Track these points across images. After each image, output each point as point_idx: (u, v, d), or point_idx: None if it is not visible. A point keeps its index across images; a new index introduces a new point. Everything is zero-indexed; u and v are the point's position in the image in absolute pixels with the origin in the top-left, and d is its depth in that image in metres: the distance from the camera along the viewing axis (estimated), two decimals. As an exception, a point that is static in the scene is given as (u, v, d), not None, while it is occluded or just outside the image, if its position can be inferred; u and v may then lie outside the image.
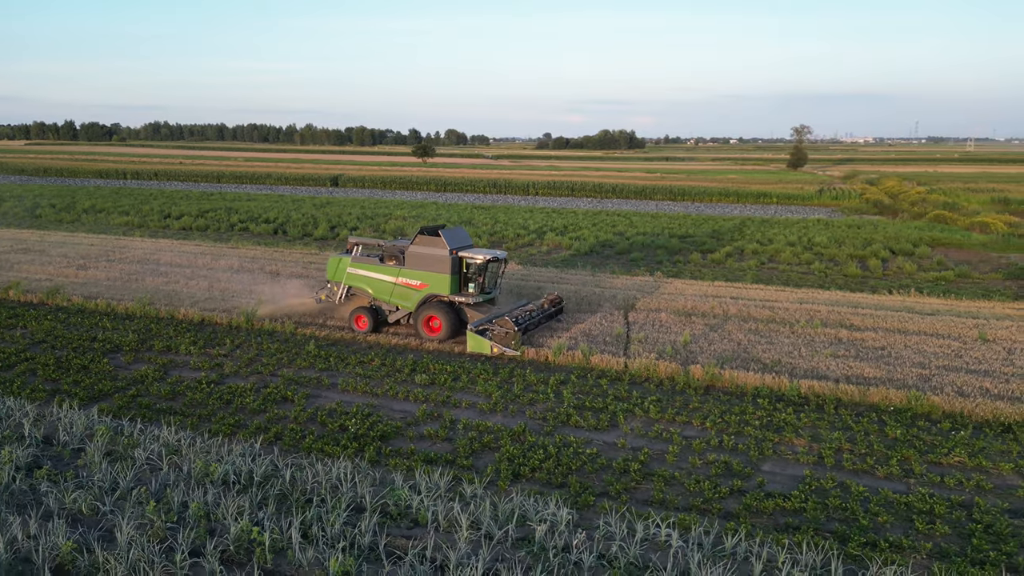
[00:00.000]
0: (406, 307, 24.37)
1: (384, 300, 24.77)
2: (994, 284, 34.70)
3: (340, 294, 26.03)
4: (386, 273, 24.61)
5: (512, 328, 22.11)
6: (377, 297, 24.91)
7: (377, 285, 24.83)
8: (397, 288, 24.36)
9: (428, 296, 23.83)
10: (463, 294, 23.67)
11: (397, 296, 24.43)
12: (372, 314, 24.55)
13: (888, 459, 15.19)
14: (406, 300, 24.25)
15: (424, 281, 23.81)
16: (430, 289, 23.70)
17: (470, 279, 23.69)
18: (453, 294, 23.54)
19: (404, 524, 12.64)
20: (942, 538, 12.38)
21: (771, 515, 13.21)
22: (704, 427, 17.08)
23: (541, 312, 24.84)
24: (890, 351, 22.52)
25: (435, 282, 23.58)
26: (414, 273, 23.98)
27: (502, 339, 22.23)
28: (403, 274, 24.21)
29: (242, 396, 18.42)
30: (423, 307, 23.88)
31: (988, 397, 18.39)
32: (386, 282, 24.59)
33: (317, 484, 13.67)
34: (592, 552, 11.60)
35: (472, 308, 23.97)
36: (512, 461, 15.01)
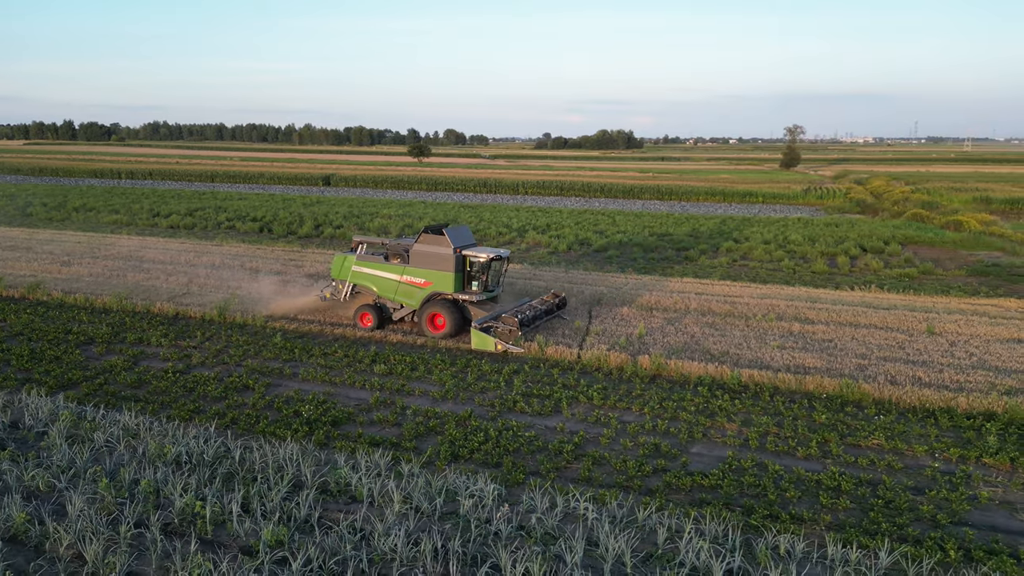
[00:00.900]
0: (410, 305, 24.67)
1: (388, 298, 25.08)
2: (956, 280, 35.52)
3: (345, 292, 26.28)
4: (390, 271, 24.90)
5: (515, 325, 22.41)
6: (381, 295, 25.21)
7: (381, 283, 25.13)
8: (401, 286, 24.66)
9: (432, 294, 24.14)
10: (467, 292, 23.94)
11: (401, 294, 24.74)
12: (377, 312, 24.90)
13: (809, 442, 16.02)
14: (410, 298, 24.57)
15: (428, 279, 24.12)
16: (434, 287, 24.02)
17: (473, 277, 24.01)
18: (457, 292, 23.83)
19: (342, 500, 13.47)
20: (843, 511, 13.21)
21: (688, 491, 14.04)
22: (642, 413, 17.90)
23: (543, 309, 25.14)
24: (836, 343, 23.34)
25: (439, 280, 23.90)
26: (418, 271, 24.27)
27: (506, 336, 22.52)
28: (407, 272, 24.50)
29: (204, 385, 19.25)
30: (427, 305, 24.19)
31: (918, 385, 19.21)
32: (390, 280, 24.89)
33: (264, 464, 14.50)
34: (512, 523, 12.45)
35: (475, 306, 24.13)
36: (453, 444, 15.83)
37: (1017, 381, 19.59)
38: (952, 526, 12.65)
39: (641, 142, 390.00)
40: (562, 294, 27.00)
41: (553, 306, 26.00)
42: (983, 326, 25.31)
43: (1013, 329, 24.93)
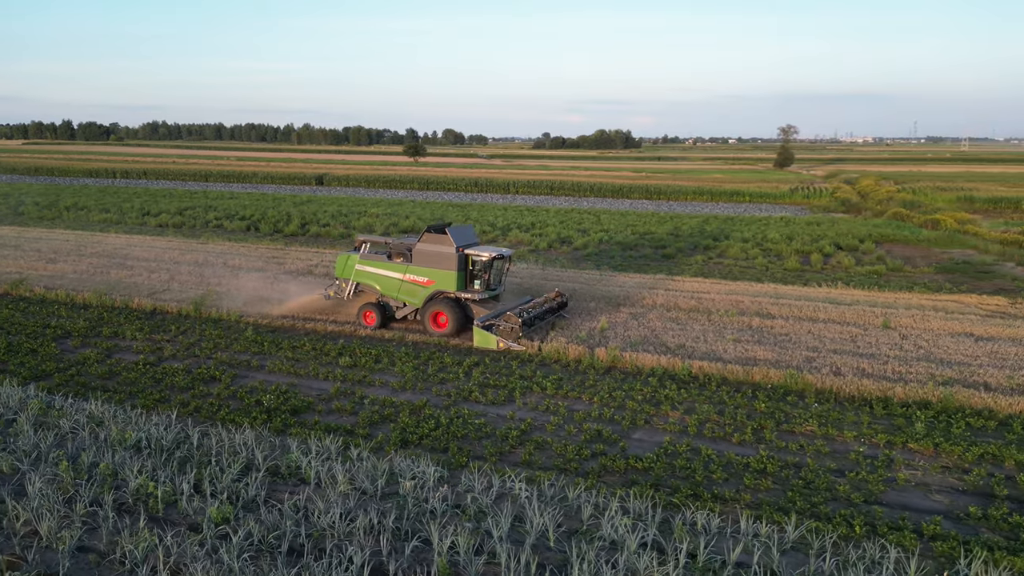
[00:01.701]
0: (413, 303, 24.97)
1: (392, 296, 25.37)
2: (924, 277, 36.21)
3: (348, 291, 26.59)
4: (393, 270, 25.15)
5: (517, 324, 22.76)
6: (385, 293, 25.50)
7: (385, 282, 25.39)
8: (404, 285, 24.94)
9: (435, 292, 24.43)
10: (469, 290, 24.22)
11: (404, 292, 25.03)
12: (380, 310, 25.24)
13: (745, 428, 16.72)
14: (413, 296, 24.87)
15: (431, 278, 24.39)
16: (437, 286, 24.30)
17: (476, 276, 24.29)
18: (459, 290, 24.09)
19: (292, 482, 14.17)
20: (765, 491, 13.92)
21: (623, 473, 14.75)
22: (592, 402, 18.61)
23: (546, 308, 25.47)
24: (792, 337, 24.05)
25: (441, 279, 24.18)
26: (421, 270, 24.55)
27: (508, 334, 22.82)
28: (410, 271, 24.78)
29: (173, 376, 19.95)
30: (430, 303, 24.49)
31: (860, 376, 19.92)
32: (393, 279, 25.15)
33: (220, 448, 15.20)
34: (448, 502, 13.16)
35: (478, 304, 24.41)
36: (404, 431, 16.53)
37: (956, 372, 20.29)
38: (865, 505, 13.36)
39: (639, 142, 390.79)
40: (564, 293, 27.20)
41: (555, 305, 26.25)
42: (937, 321, 26.01)
43: (966, 323, 25.63)
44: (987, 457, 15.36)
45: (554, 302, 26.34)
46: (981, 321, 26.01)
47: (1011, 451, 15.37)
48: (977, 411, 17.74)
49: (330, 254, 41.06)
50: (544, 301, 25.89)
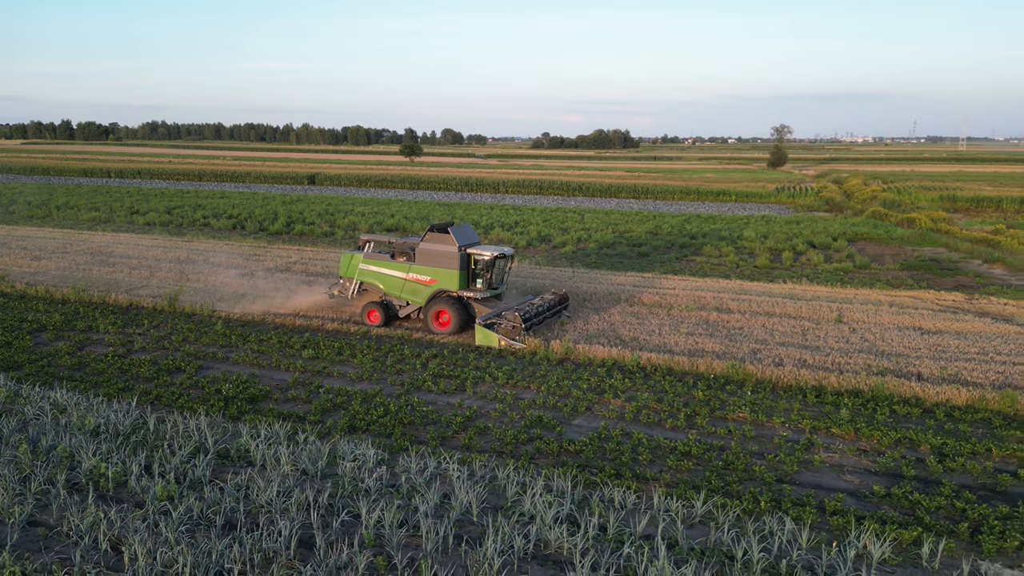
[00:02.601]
0: (416, 302, 25.30)
1: (395, 295, 25.72)
2: (889, 274, 36.97)
3: (352, 289, 26.91)
4: (397, 269, 25.48)
5: (519, 322, 23.02)
6: (388, 292, 25.83)
7: (388, 281, 25.73)
8: (408, 284, 25.27)
9: (437, 291, 24.75)
10: (471, 289, 24.53)
11: (407, 291, 25.36)
12: (383, 309, 25.56)
13: (678, 414, 17.49)
14: (416, 295, 25.20)
15: (433, 277, 24.72)
16: (439, 285, 24.64)
17: (478, 275, 24.60)
18: (461, 289, 24.39)
19: (240, 464, 14.94)
20: (686, 472, 14.69)
21: (555, 456, 15.52)
22: (539, 390, 19.38)
23: (547, 307, 25.71)
24: (745, 330, 24.82)
25: (444, 278, 24.51)
26: (424, 269, 24.88)
27: (509, 332, 23.12)
28: (413, 270, 25.10)
29: (139, 367, 20.73)
30: (432, 302, 24.80)
31: (799, 366, 20.69)
32: (397, 278, 25.48)
33: (175, 433, 16.00)
34: (384, 481, 13.95)
35: (480, 303, 24.70)
36: (354, 417, 17.31)
37: (893, 363, 21.06)
38: (777, 484, 14.14)
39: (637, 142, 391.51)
40: (563, 291, 27.43)
41: (556, 303, 26.54)
42: (889, 315, 26.77)
43: (916, 318, 26.39)
44: (904, 442, 16.14)
45: (555, 301, 26.52)
46: (932, 316, 26.77)
47: (927, 436, 16.13)
48: (905, 399, 18.51)
49: (311, 251, 41.87)
50: (545, 300, 26.04)
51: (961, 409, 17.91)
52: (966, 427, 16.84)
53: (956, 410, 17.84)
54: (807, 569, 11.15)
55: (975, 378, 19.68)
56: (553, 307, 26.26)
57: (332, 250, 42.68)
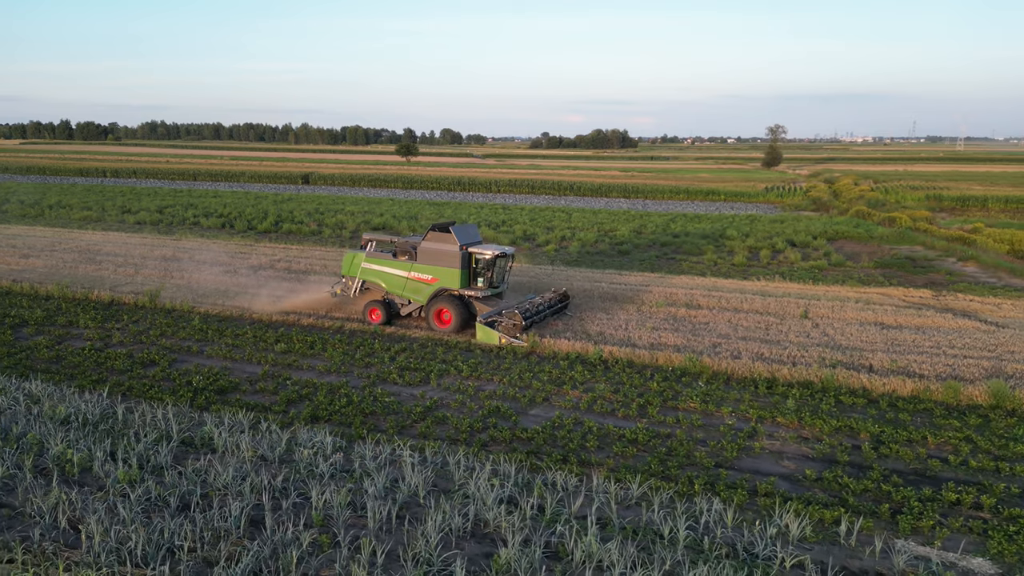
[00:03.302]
0: (418, 300, 25.54)
1: (397, 294, 25.95)
2: (863, 272, 37.60)
3: (355, 288, 27.13)
4: (399, 268, 25.70)
5: (520, 320, 23.28)
6: (390, 291, 26.08)
7: (390, 279, 25.95)
8: (409, 282, 25.50)
9: (439, 290, 24.96)
10: (472, 288, 24.77)
11: (409, 290, 25.60)
12: (385, 307, 25.84)
13: (631, 404, 18.09)
14: (418, 294, 25.43)
15: (435, 276, 24.93)
16: (441, 283, 24.84)
17: (479, 274, 24.83)
18: (463, 288, 24.61)
19: (203, 451, 15.53)
20: (629, 457, 15.30)
21: (507, 443, 16.12)
22: (501, 382, 19.98)
23: (547, 305, 25.91)
24: (710, 325, 25.42)
25: (446, 276, 24.73)
26: (425, 268, 25.10)
27: (510, 330, 23.39)
28: (415, 269, 25.32)
29: (115, 360, 21.33)
30: (434, 300, 25.04)
31: (756, 359, 21.29)
32: (399, 276, 25.71)
33: (143, 422, 16.60)
34: (338, 466, 14.55)
35: (481, 301, 24.95)
36: (317, 407, 17.91)
37: (847, 356, 21.67)
38: (715, 468, 14.75)
39: (636, 142, 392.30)
40: (563, 289, 27.75)
41: (557, 302, 26.77)
42: (855, 311, 27.38)
43: (880, 313, 27.00)
44: (844, 430, 16.74)
45: (556, 299, 26.72)
46: (895, 311, 27.38)
47: (867, 424, 16.74)
48: (852, 390, 19.12)
49: (296, 250, 42.49)
50: (546, 298, 26.26)
51: (905, 399, 18.53)
52: (907, 416, 17.45)
53: (900, 400, 18.46)
54: (728, 545, 11.75)
55: (923, 370, 20.29)
56: (554, 305, 26.47)
57: (317, 248, 43.31)
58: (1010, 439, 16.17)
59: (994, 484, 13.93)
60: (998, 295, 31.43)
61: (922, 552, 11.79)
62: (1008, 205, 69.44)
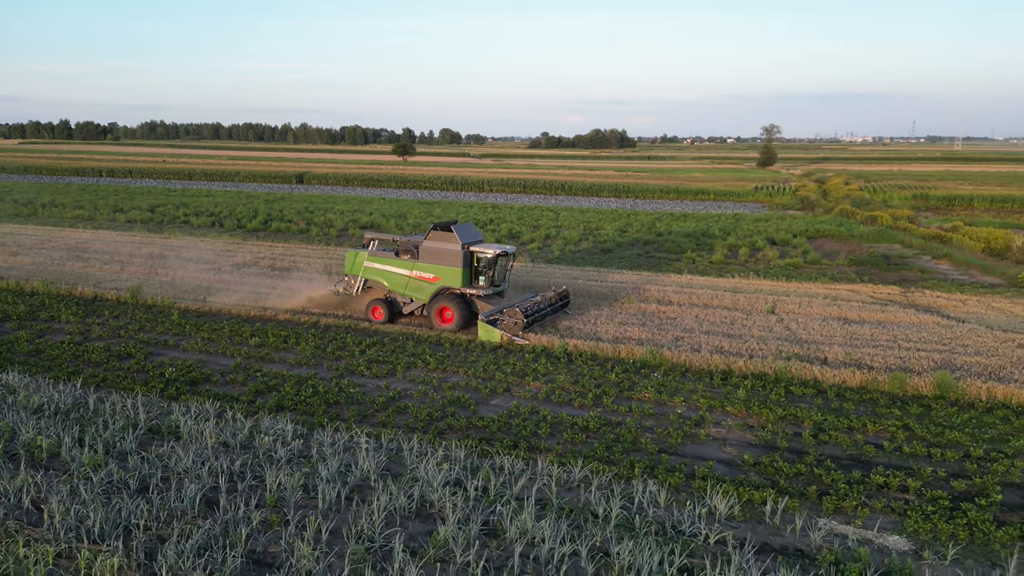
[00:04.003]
0: (420, 299, 25.79)
1: (399, 292, 26.20)
2: (836, 269, 38.21)
3: (357, 287, 27.35)
4: (401, 267, 25.94)
5: (521, 318, 23.49)
6: (392, 290, 26.33)
7: (392, 278, 26.19)
8: (411, 281, 25.75)
9: (441, 288, 25.24)
10: (474, 287, 25.07)
11: (411, 289, 25.86)
12: (388, 306, 26.14)
13: (587, 395, 18.69)
14: (420, 292, 25.69)
15: (437, 274, 25.22)
16: (443, 282, 25.13)
17: (480, 272, 25.14)
18: (464, 287, 24.90)
19: (169, 438, 16.13)
20: (578, 444, 15.90)
21: (463, 431, 16.72)
22: (466, 374, 20.58)
23: (548, 304, 26.11)
24: (677, 321, 26.02)
25: (447, 275, 25.03)
26: (427, 267, 25.36)
27: (511, 328, 23.58)
28: (417, 267, 25.58)
29: (92, 353, 21.94)
30: (436, 299, 25.29)
31: (715, 352, 21.89)
32: (401, 275, 25.96)
33: (113, 411, 17.20)
34: (296, 452, 15.16)
35: (482, 300, 25.24)
36: (283, 397, 18.51)
37: (804, 349, 22.28)
38: (659, 454, 15.35)
39: (634, 142, 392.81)
40: (564, 288, 27.82)
41: (557, 301, 26.93)
42: (821, 307, 27.98)
43: (845, 309, 27.60)
44: (789, 418, 17.35)
45: (556, 298, 26.90)
46: (860, 307, 27.98)
47: (812, 413, 17.35)
48: (804, 381, 19.73)
49: (282, 248, 43.08)
50: (547, 297, 26.40)
51: (853, 390, 19.13)
52: (851, 406, 18.06)
53: (848, 391, 19.06)
54: (658, 523, 12.36)
55: (875, 363, 20.88)
56: (554, 304, 26.69)
57: (303, 246, 43.92)
58: (946, 427, 16.77)
59: (922, 468, 14.53)
60: (965, 291, 32.03)
61: (841, 530, 12.41)
62: (993, 204, 70.03)
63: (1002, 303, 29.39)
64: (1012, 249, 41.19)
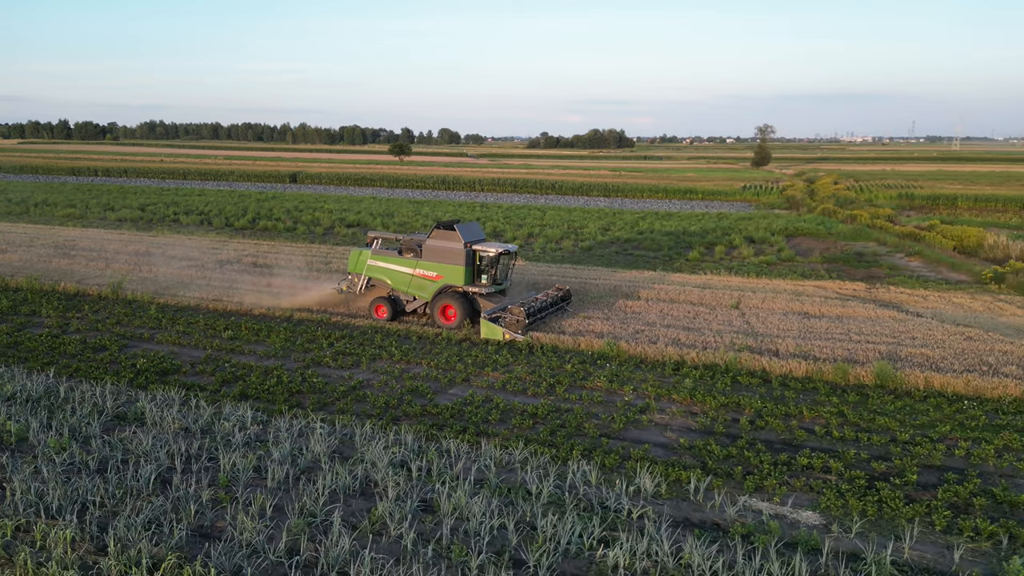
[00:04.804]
0: (423, 297, 26.08)
1: (402, 290, 26.47)
2: (809, 267, 38.91)
3: (361, 285, 27.55)
4: (404, 265, 26.19)
5: (523, 316, 23.75)
6: (396, 288, 26.58)
7: (396, 276, 26.44)
8: (415, 279, 26.01)
9: (444, 287, 25.52)
10: (476, 285, 25.36)
11: (415, 287, 26.12)
12: (391, 304, 26.39)
13: (541, 384, 19.40)
14: (423, 290, 25.97)
15: (440, 273, 25.49)
16: (445, 280, 25.42)
17: (483, 271, 25.38)
18: (467, 285, 25.19)
19: (134, 424, 16.86)
20: (525, 429, 16.61)
21: (418, 417, 17.43)
22: (429, 365, 21.29)
23: (549, 302, 26.43)
24: (640, 314, 26.73)
25: (450, 273, 25.32)
26: (430, 265, 25.63)
27: (513, 325, 23.80)
28: (420, 266, 25.83)
29: (68, 345, 22.65)
30: (439, 297, 25.59)
31: (671, 344, 22.60)
32: (404, 273, 26.21)
33: (82, 398, 17.92)
34: (252, 436, 15.88)
35: (484, 298, 25.54)
36: (248, 386, 19.21)
37: (758, 342, 22.99)
38: (599, 437, 16.06)
39: (632, 142, 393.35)
40: (566, 287, 28.28)
41: (559, 299, 27.24)
42: (784, 302, 28.69)
43: (806, 304, 28.31)
44: (731, 406, 18.07)
45: (557, 296, 27.23)
46: (823, 302, 28.68)
47: (753, 401, 18.07)
48: (752, 372, 20.46)
49: (267, 245, 43.78)
50: (549, 296, 26.81)
51: (798, 380, 19.85)
52: (793, 394, 18.79)
53: (793, 380, 19.78)
54: (587, 499, 13.09)
55: (823, 354, 21.60)
56: (556, 302, 27.01)
57: (287, 244, 44.63)
58: (879, 414, 17.49)
59: (847, 451, 15.25)
60: (929, 287, 32.74)
61: (759, 506, 13.14)
62: (977, 203, 70.69)
63: (963, 299, 30.09)
64: (984, 247, 41.88)
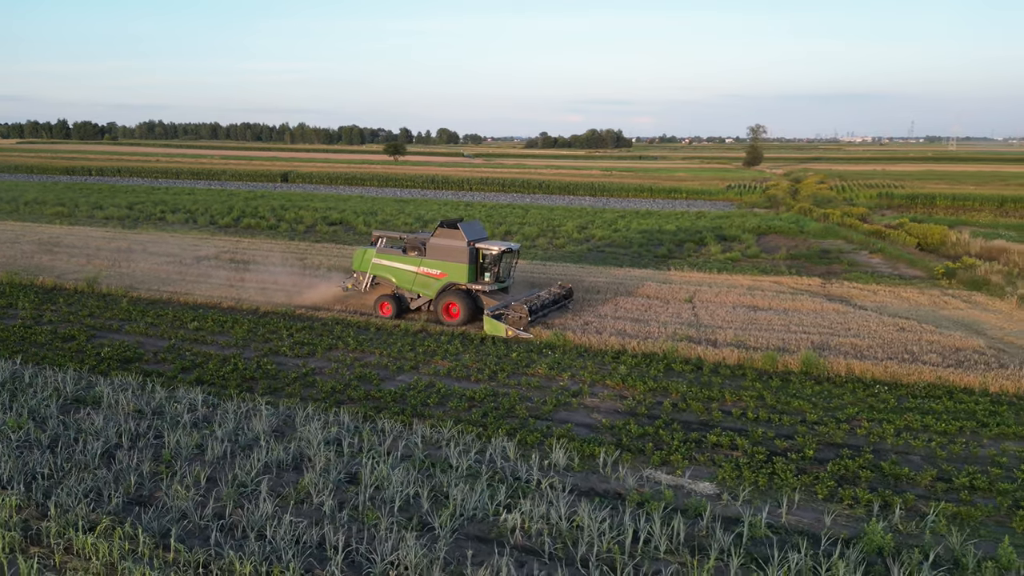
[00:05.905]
0: (427, 295, 26.41)
1: (406, 288, 26.80)
2: (771, 263, 39.91)
3: (365, 283, 28.08)
4: (408, 263, 26.56)
5: (525, 313, 24.17)
6: (400, 286, 26.93)
7: (400, 274, 26.83)
8: (419, 277, 26.38)
9: (447, 284, 25.88)
10: (480, 282, 25.65)
11: (419, 284, 26.47)
12: (395, 301, 26.65)
13: (484, 371, 20.38)
14: (427, 288, 26.33)
15: (444, 270, 25.81)
16: (449, 278, 25.75)
17: (486, 269, 25.71)
18: (470, 282, 25.54)
19: (91, 407, 17.82)
20: (462, 411, 17.60)
21: (361, 401, 18.39)
22: (381, 354, 22.28)
23: (552, 299, 26.99)
24: (594, 308, 27.70)
25: (454, 271, 25.63)
26: (434, 263, 25.96)
27: (516, 322, 24.31)
28: (424, 264, 26.19)
29: (38, 335, 23.64)
30: (443, 294, 25.92)
31: (615, 334, 23.58)
32: (408, 271, 26.59)
33: (45, 383, 18.91)
34: (200, 417, 16.87)
35: (488, 295, 25.93)
36: (204, 373, 20.19)
37: (700, 332, 23.99)
38: (530, 418, 17.05)
39: (630, 141, 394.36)
40: (568, 285, 28.71)
41: (561, 296, 27.76)
42: (737, 296, 29.68)
43: (757, 298, 29.31)
44: (659, 390, 19.06)
45: (559, 294, 27.73)
46: (774, 296, 29.68)
47: (680, 386, 19.06)
48: (687, 360, 21.45)
49: (247, 242, 44.79)
50: (551, 293, 27.30)
51: (729, 367, 20.84)
52: (719, 380, 19.79)
53: (724, 367, 20.78)
54: (503, 472, 14.09)
55: (759, 344, 22.60)
56: (558, 300, 27.51)
57: (268, 241, 45.63)
58: (795, 397, 18.49)
59: (755, 430, 16.23)
60: (882, 283, 33.73)
61: (660, 478, 14.16)
62: (955, 202, 71.73)
63: (911, 293, 31.07)
64: (947, 244, 42.87)
